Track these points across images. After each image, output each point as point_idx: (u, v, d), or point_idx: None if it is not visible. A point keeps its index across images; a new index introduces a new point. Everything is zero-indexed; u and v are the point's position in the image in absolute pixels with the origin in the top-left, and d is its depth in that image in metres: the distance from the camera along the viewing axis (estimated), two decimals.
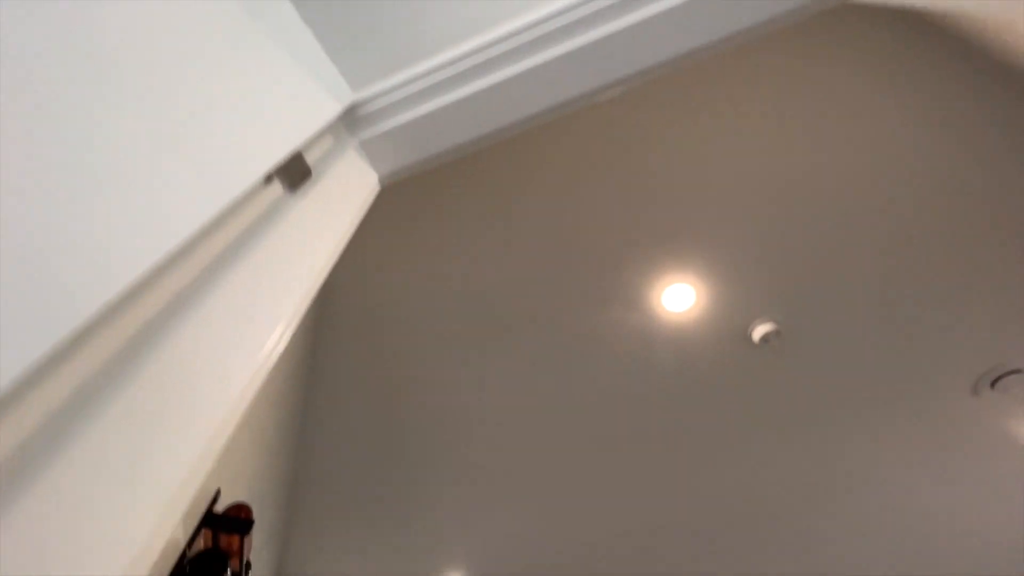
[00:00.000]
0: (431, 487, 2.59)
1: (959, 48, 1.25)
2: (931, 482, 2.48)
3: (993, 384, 2.12)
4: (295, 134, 0.63)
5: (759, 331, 1.84)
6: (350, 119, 0.87)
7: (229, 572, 1.17)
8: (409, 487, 2.59)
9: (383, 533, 2.87)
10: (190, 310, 0.43)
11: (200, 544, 1.20)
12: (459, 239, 1.72)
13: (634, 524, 2.78)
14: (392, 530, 2.86)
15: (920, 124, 1.46)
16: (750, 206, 1.64)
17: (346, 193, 0.79)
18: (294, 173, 0.65)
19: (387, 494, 2.66)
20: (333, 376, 2.11)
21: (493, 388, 2.14)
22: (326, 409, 2.26)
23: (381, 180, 0.94)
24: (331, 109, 0.76)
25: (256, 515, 1.84)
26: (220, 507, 1.31)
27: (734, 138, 1.50)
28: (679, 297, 1.78)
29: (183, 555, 1.11)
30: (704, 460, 2.39)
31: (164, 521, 0.34)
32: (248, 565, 1.52)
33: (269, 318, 0.53)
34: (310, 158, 0.68)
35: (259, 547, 2.44)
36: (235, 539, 1.22)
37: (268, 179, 0.60)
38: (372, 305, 1.91)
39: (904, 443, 2.31)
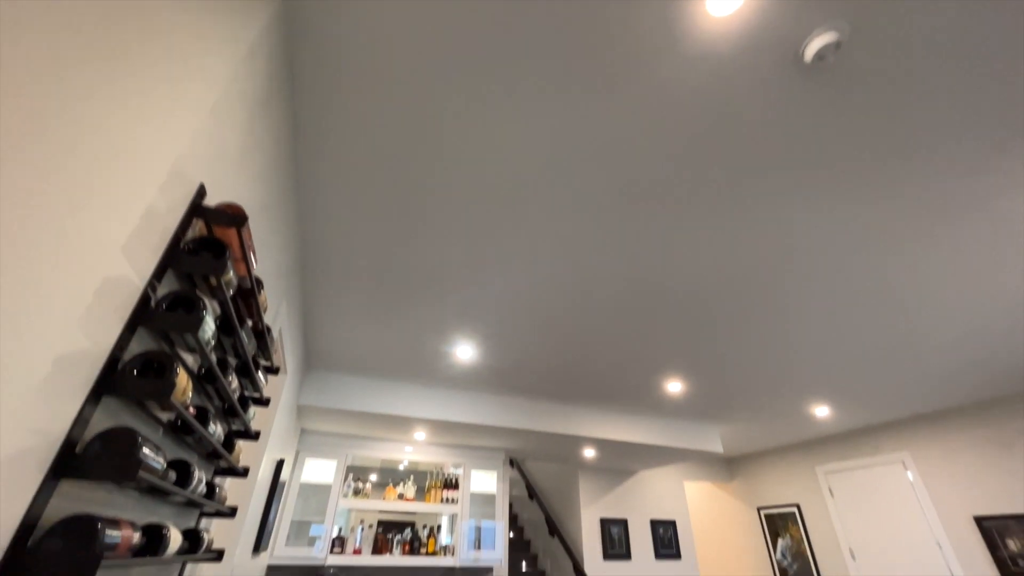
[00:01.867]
0: (440, 247, 2.62)
1: None
2: (970, 256, 2.41)
3: None
4: None
5: (816, 43, 1.53)
6: None
7: (230, 264, 1.16)
8: (418, 247, 2.62)
9: (395, 299, 3.03)
10: None
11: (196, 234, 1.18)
12: None
13: (639, 277, 2.86)
14: (403, 296, 3.01)
15: None
16: None
17: None
18: None
19: (397, 258, 2.71)
20: (327, 130, 1.92)
21: (499, 125, 1.95)
22: (324, 167, 2.13)
23: None
24: None
25: (265, 251, 1.84)
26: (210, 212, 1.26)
27: None
28: None
29: (176, 239, 1.08)
30: (720, 209, 2.30)
31: None
32: (260, 282, 1.55)
33: None
34: None
35: (276, 300, 2.58)
36: (231, 233, 1.20)
37: None
38: (355, 38, 1.61)
39: (948, 203, 2.16)
